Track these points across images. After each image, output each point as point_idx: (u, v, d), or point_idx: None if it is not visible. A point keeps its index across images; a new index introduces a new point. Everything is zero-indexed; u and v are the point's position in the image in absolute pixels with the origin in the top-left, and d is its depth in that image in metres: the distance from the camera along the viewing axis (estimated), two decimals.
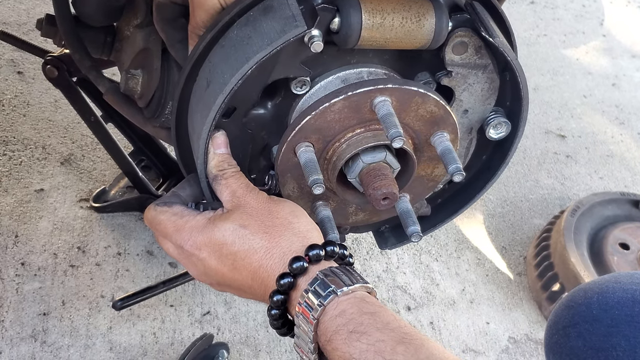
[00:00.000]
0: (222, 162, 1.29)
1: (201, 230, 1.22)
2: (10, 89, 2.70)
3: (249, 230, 1.20)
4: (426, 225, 1.57)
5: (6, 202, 2.36)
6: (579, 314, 1.49)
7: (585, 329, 1.46)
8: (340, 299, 1.11)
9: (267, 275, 1.18)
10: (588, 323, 1.46)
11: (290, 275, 1.15)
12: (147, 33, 1.56)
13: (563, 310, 1.54)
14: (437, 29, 1.28)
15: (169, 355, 2.14)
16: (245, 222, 1.21)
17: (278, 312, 1.17)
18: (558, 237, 2.57)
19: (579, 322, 1.48)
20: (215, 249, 1.21)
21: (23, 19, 2.98)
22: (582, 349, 1.45)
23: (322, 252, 1.17)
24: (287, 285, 1.15)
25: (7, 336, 2.07)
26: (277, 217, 1.22)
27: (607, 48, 3.95)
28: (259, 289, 1.20)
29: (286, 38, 1.20)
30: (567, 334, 1.49)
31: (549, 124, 3.37)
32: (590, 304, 1.48)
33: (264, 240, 1.19)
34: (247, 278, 1.20)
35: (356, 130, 1.29)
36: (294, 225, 1.22)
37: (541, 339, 2.48)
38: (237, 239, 1.20)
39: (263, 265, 1.18)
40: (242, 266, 1.20)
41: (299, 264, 1.15)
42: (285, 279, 1.15)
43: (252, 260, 1.19)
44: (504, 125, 1.42)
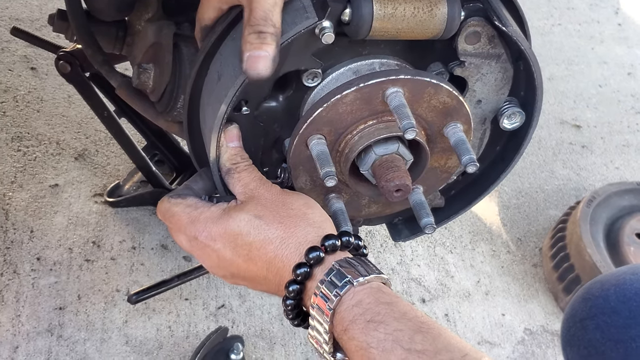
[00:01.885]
0: (235, 155, 1.29)
1: (216, 221, 1.22)
2: (23, 85, 2.71)
3: (263, 220, 1.20)
4: (440, 217, 1.56)
5: (21, 198, 2.37)
6: (597, 306, 1.48)
7: (604, 321, 1.45)
8: (357, 289, 1.10)
9: (283, 265, 1.18)
10: (606, 315, 1.45)
11: (307, 265, 1.15)
12: (158, 27, 1.56)
13: (580, 303, 1.53)
14: (449, 18, 1.27)
15: (184, 348, 2.14)
16: (260, 212, 1.20)
17: (293, 302, 1.17)
18: (574, 227, 2.56)
19: (596, 315, 1.47)
20: (230, 239, 1.21)
21: (35, 15, 2.98)
22: (600, 341, 1.44)
23: (337, 242, 1.17)
24: (304, 275, 1.14)
25: (23, 331, 2.08)
26: (292, 208, 1.22)
27: (622, 37, 3.92)
28: (274, 280, 1.19)
29: (297, 30, 1.20)
30: (584, 326, 1.48)
31: (564, 114, 3.35)
32: (607, 296, 1.47)
33: (279, 230, 1.19)
34: (262, 269, 1.20)
35: (368, 122, 1.28)
36: (308, 216, 1.21)
37: (557, 330, 2.47)
38: (252, 229, 1.19)
39: (278, 255, 1.18)
40: (257, 256, 1.20)
41: (315, 254, 1.15)
42: (302, 269, 1.14)
43: (267, 250, 1.19)
44: (518, 115, 1.41)
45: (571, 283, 2.50)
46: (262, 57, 1.16)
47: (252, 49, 1.16)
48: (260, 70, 1.17)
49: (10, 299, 2.13)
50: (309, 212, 1.22)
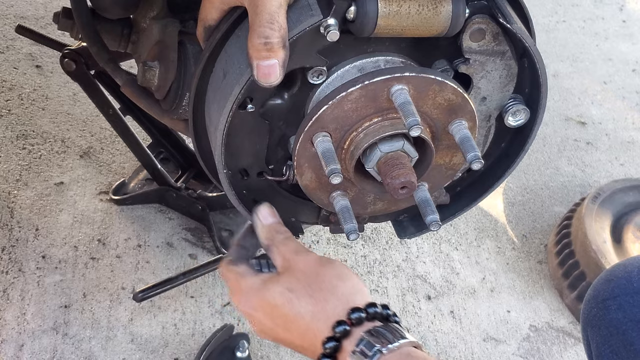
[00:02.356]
0: (270, 231, 1.35)
1: (256, 293, 1.28)
2: (28, 83, 2.72)
3: (295, 294, 1.25)
4: (445, 214, 1.56)
5: (26, 196, 2.38)
6: (619, 286, 1.49)
7: (626, 301, 1.46)
8: (387, 357, 1.14)
9: (315, 338, 1.22)
10: (629, 295, 1.46)
11: (335, 339, 1.19)
12: (163, 25, 1.56)
13: (603, 284, 1.54)
14: (454, 15, 1.27)
15: (190, 346, 2.14)
16: (292, 285, 1.26)
17: None
18: (579, 224, 2.55)
19: (619, 295, 1.48)
20: (268, 311, 1.27)
21: (40, 13, 2.99)
22: (622, 321, 1.45)
23: (363, 314, 1.20)
24: (333, 348, 1.19)
25: (28, 329, 2.08)
26: (323, 281, 1.26)
27: (627, 34, 3.92)
28: (309, 350, 1.25)
29: (302, 27, 1.20)
30: (606, 306, 1.49)
31: (568, 111, 3.35)
32: (630, 277, 1.48)
33: (309, 305, 1.24)
34: (297, 338, 1.25)
35: (373, 119, 1.28)
36: (338, 289, 1.25)
37: (562, 327, 2.47)
38: (286, 303, 1.25)
39: (311, 329, 1.23)
40: (292, 328, 1.25)
41: (342, 328, 1.19)
42: (330, 343, 1.19)
43: (300, 324, 1.24)
44: (523, 112, 1.41)
45: (576, 280, 2.50)
46: (272, 66, 1.18)
47: (260, 57, 1.17)
48: (271, 80, 1.19)
49: (15, 297, 2.14)
50: (340, 285, 1.26)
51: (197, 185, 2.46)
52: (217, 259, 2.11)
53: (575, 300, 2.49)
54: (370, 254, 2.52)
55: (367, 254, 2.52)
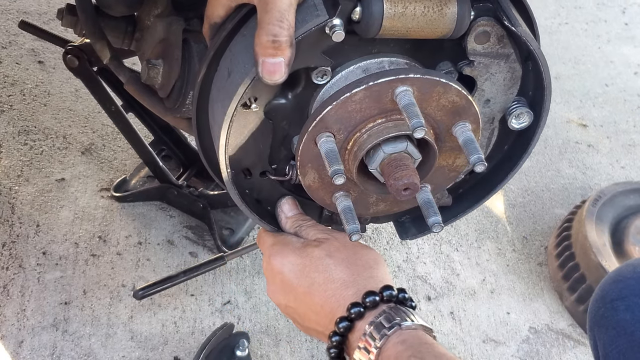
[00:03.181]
0: (296, 220, 1.40)
1: (293, 250, 1.33)
2: (31, 79, 2.71)
3: (333, 260, 1.29)
4: (447, 216, 1.56)
5: (27, 192, 2.38)
6: (628, 287, 1.49)
7: (635, 302, 1.46)
8: (403, 331, 1.18)
9: (338, 305, 1.26)
10: (637, 296, 1.47)
11: (362, 305, 1.23)
12: (167, 23, 1.56)
13: (611, 285, 1.54)
14: (459, 18, 1.27)
15: (189, 344, 2.14)
16: (333, 252, 1.30)
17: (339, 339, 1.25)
18: (579, 227, 2.55)
19: (627, 296, 1.48)
20: (299, 267, 1.30)
21: (43, 9, 2.99)
22: (630, 322, 1.45)
23: (394, 292, 1.25)
24: (357, 314, 1.23)
25: (28, 325, 2.08)
26: (361, 259, 1.31)
27: (629, 36, 3.92)
28: (323, 320, 1.27)
29: (307, 27, 1.20)
30: (614, 307, 1.49)
31: (570, 113, 3.35)
32: (639, 278, 1.48)
33: (343, 274, 1.28)
34: (317, 304, 1.28)
35: (377, 120, 1.28)
36: (373, 271, 1.30)
37: (562, 329, 2.48)
38: (321, 265, 1.28)
39: (336, 295, 1.26)
40: (316, 291, 1.28)
41: (372, 298, 1.23)
42: (356, 308, 1.22)
43: (327, 288, 1.27)
44: (526, 115, 1.41)
45: (576, 282, 2.50)
46: (278, 64, 1.18)
47: (267, 55, 1.17)
48: (275, 77, 1.19)
49: (15, 293, 2.14)
50: (374, 267, 1.31)
51: (199, 183, 2.46)
52: (217, 257, 2.10)
53: (575, 302, 2.49)
54: None
55: None
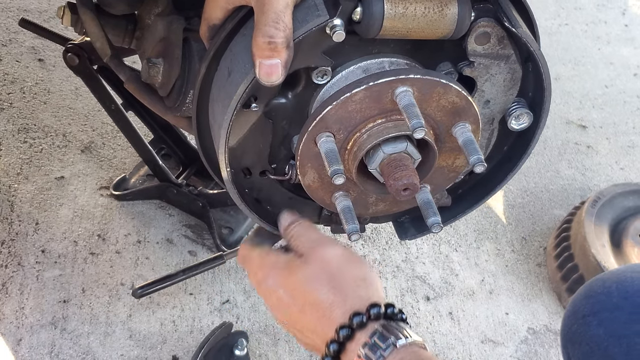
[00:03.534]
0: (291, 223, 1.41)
1: (280, 272, 1.32)
2: (31, 77, 2.71)
3: (319, 282, 1.28)
4: (447, 216, 1.56)
5: (27, 190, 2.38)
6: (599, 302, 1.49)
7: (606, 317, 1.46)
8: (399, 351, 1.18)
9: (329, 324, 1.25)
10: (609, 311, 1.46)
11: (349, 327, 1.23)
12: (168, 22, 1.56)
13: (582, 300, 1.53)
14: (459, 18, 1.27)
15: (188, 343, 2.15)
16: (317, 275, 1.29)
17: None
18: (578, 228, 2.56)
19: (599, 311, 1.47)
20: (289, 289, 1.30)
21: (44, 7, 2.99)
22: (603, 337, 1.44)
23: (381, 309, 1.24)
24: (345, 336, 1.22)
25: (27, 323, 2.08)
26: (348, 276, 1.30)
27: (629, 38, 3.92)
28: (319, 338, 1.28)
29: (308, 27, 1.20)
30: (587, 322, 1.48)
31: (570, 114, 3.35)
32: (610, 293, 1.48)
33: (330, 295, 1.27)
34: (311, 322, 1.30)
35: (377, 120, 1.28)
36: (360, 290, 1.29)
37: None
38: (308, 287, 1.28)
39: (326, 316, 1.26)
40: (309, 311, 1.28)
41: (359, 318, 1.23)
42: (344, 330, 1.23)
43: (318, 309, 1.27)
44: (526, 116, 1.41)
45: (575, 283, 2.50)
46: (274, 65, 1.19)
47: (263, 56, 1.19)
48: (272, 79, 1.21)
49: (14, 291, 2.14)
50: (362, 285, 1.29)
51: (198, 182, 2.46)
52: (216, 256, 2.10)
53: None
54: (370, 254, 2.53)
55: (367, 254, 2.52)
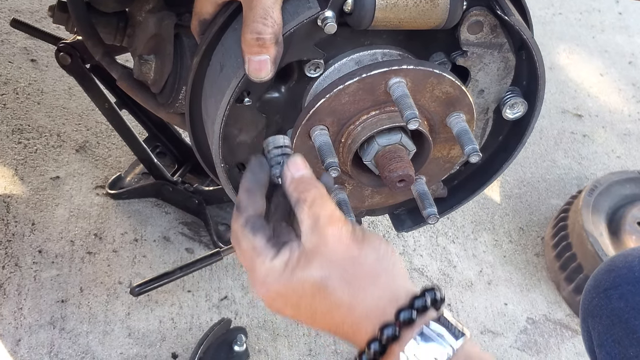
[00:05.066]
0: (301, 183, 1.14)
1: (277, 279, 1.10)
2: (24, 77, 2.71)
3: (330, 283, 1.08)
4: (443, 207, 1.56)
5: (22, 191, 2.37)
6: (621, 276, 1.49)
7: (628, 290, 1.46)
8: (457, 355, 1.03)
9: (353, 333, 1.09)
10: (630, 284, 1.46)
11: (380, 343, 1.06)
12: (159, 18, 1.56)
13: (604, 274, 1.54)
14: (451, 8, 1.26)
15: (187, 340, 2.14)
16: (327, 272, 1.08)
17: None
18: (576, 217, 2.55)
19: (620, 284, 1.48)
20: (292, 300, 1.11)
21: (35, 7, 2.98)
22: (624, 310, 1.45)
23: (414, 313, 1.06)
24: (378, 351, 1.06)
25: (25, 323, 2.08)
26: (361, 264, 1.10)
27: (623, 26, 3.92)
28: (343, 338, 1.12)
29: (300, 20, 1.19)
30: (608, 296, 1.49)
31: (565, 103, 3.34)
32: (632, 267, 1.49)
33: (346, 295, 1.08)
34: (327, 329, 1.12)
35: (371, 112, 1.28)
36: (379, 278, 1.10)
37: (560, 320, 2.48)
38: (318, 293, 1.09)
39: (347, 322, 1.09)
40: (321, 320, 1.11)
41: (389, 332, 1.05)
42: (375, 345, 1.06)
43: (333, 316, 1.10)
44: (521, 105, 1.41)
45: (573, 272, 2.50)
46: (263, 62, 1.19)
47: (252, 52, 1.18)
48: (261, 75, 1.20)
49: (12, 292, 2.13)
50: (380, 270, 1.10)
51: (194, 179, 2.45)
52: (213, 253, 2.10)
53: (572, 292, 2.49)
54: None
55: None
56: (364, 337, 1.07)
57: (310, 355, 2.19)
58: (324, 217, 1.11)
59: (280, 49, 1.20)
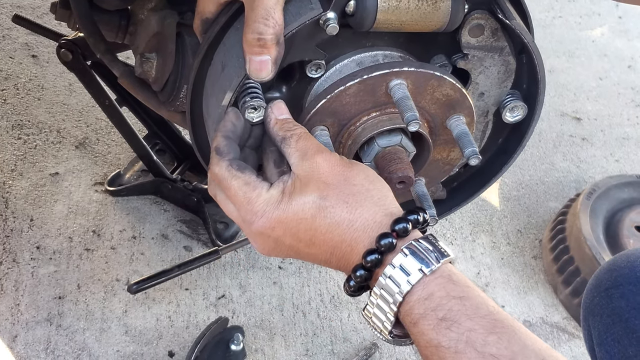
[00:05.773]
0: (286, 123, 1.22)
1: (276, 206, 1.15)
2: (24, 73, 2.71)
3: (329, 201, 1.14)
4: (442, 209, 1.56)
5: (21, 186, 2.37)
6: (622, 276, 1.49)
7: (629, 289, 1.46)
8: (428, 279, 1.09)
9: (351, 250, 1.15)
10: (632, 284, 1.47)
11: (378, 251, 1.12)
12: (161, 16, 1.56)
13: (605, 274, 1.54)
14: (453, 11, 1.27)
15: (184, 338, 2.14)
16: (324, 192, 1.14)
17: (357, 285, 1.15)
18: (574, 220, 2.56)
19: (622, 284, 1.48)
20: (292, 225, 1.15)
21: (37, 2, 2.98)
22: (625, 309, 1.45)
23: (408, 225, 1.13)
24: (374, 262, 1.12)
25: (22, 320, 2.08)
26: (354, 184, 1.16)
27: (623, 30, 3.92)
28: (337, 262, 1.17)
29: (302, 21, 1.20)
30: (609, 295, 1.49)
31: (564, 107, 3.35)
32: (633, 267, 1.49)
33: (345, 212, 1.14)
34: (325, 252, 1.17)
35: (372, 113, 1.28)
36: (372, 192, 1.16)
37: (556, 322, 2.48)
38: (318, 213, 1.14)
39: (346, 240, 1.14)
40: (321, 241, 1.16)
41: (387, 241, 1.11)
42: (373, 256, 1.12)
43: (333, 235, 1.15)
44: (521, 108, 1.41)
45: (571, 275, 2.50)
46: (264, 62, 1.19)
47: (253, 52, 1.19)
48: (262, 75, 1.21)
49: (9, 288, 2.13)
50: (371, 188, 1.17)
51: (193, 177, 2.46)
52: (212, 251, 2.10)
53: (569, 295, 2.49)
54: None
55: None
56: (361, 251, 1.13)
57: (307, 355, 2.19)
58: (312, 147, 1.18)
59: (281, 50, 1.21)
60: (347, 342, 2.23)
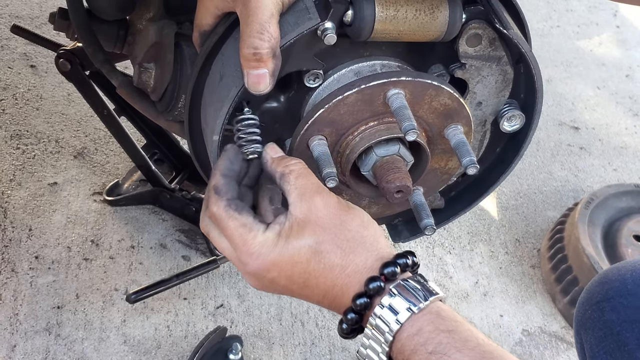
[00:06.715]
0: (284, 159, 1.23)
1: (272, 249, 1.16)
2: (23, 83, 2.71)
3: (324, 246, 1.16)
4: (440, 218, 1.56)
5: (20, 196, 2.37)
6: (613, 289, 1.50)
7: (620, 302, 1.47)
8: (417, 316, 1.11)
9: (342, 294, 1.17)
10: (623, 297, 1.47)
11: (367, 295, 1.14)
12: (159, 26, 1.56)
13: (596, 287, 1.55)
14: (450, 21, 1.27)
15: (182, 348, 2.14)
16: (321, 237, 1.16)
17: (349, 327, 1.18)
18: (572, 229, 2.56)
19: (613, 297, 1.48)
20: (287, 268, 1.17)
21: (36, 13, 2.98)
22: (616, 322, 1.45)
23: (397, 268, 1.15)
24: (363, 305, 1.15)
25: (21, 329, 2.08)
26: (349, 230, 1.18)
27: (620, 39, 3.93)
28: (330, 305, 1.20)
29: (300, 31, 1.20)
30: (601, 308, 1.49)
31: (562, 116, 3.35)
32: (624, 280, 1.49)
33: (338, 258, 1.16)
34: (317, 295, 1.19)
35: (369, 123, 1.29)
36: (365, 239, 1.19)
37: (555, 332, 2.48)
38: (313, 257, 1.16)
39: (337, 284, 1.17)
40: (314, 284, 1.18)
41: (375, 284, 1.14)
42: (362, 299, 1.14)
43: (326, 279, 1.17)
44: (518, 118, 1.42)
45: (569, 284, 2.50)
46: (261, 75, 1.20)
47: (250, 67, 1.20)
48: (260, 88, 1.22)
49: (8, 298, 2.13)
50: (365, 234, 1.19)
51: (191, 186, 2.46)
52: (210, 261, 2.10)
53: (567, 305, 2.49)
54: None
55: None
56: (351, 294, 1.16)
57: None
58: (311, 187, 1.18)
59: (278, 62, 1.21)
60: (346, 352, 2.23)
